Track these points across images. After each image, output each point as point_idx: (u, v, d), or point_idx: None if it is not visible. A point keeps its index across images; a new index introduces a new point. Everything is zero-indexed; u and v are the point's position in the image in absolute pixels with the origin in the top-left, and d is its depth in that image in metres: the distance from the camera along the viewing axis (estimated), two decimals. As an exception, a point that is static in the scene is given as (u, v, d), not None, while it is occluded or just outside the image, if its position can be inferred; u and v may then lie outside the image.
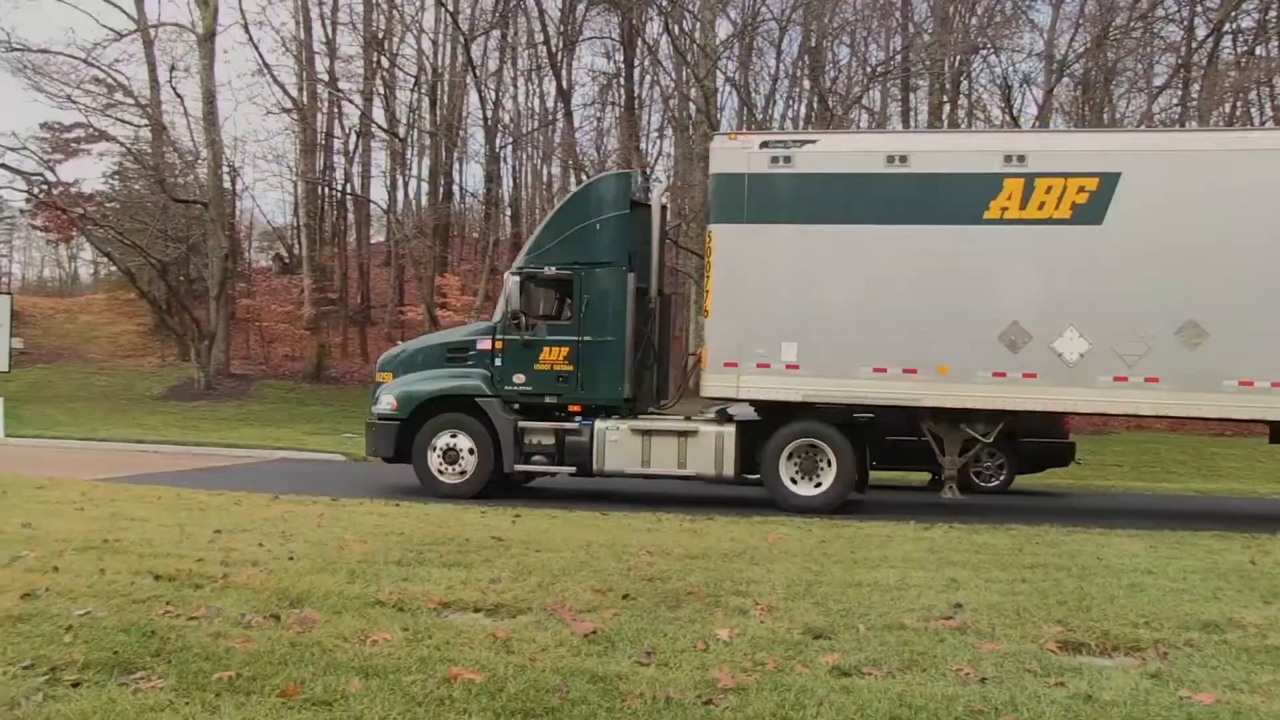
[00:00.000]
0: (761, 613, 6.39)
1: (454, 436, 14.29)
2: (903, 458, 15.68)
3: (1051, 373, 13.00)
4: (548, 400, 14.27)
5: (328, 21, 39.04)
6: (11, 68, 34.19)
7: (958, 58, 32.59)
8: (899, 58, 33.23)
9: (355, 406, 26.97)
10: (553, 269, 14.24)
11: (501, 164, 39.85)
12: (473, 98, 39.01)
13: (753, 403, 14.08)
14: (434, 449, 14.32)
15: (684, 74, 34.46)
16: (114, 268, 39.52)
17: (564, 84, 37.48)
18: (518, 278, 14.29)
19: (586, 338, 14.14)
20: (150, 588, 6.57)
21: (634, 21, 34.46)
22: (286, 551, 8.07)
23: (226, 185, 38.81)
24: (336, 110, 40.30)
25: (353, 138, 40.27)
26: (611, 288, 14.12)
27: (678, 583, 7.23)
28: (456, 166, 41.21)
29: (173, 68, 36.15)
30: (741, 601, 6.70)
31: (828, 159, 13.72)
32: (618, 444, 13.83)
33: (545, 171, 44.29)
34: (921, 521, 11.51)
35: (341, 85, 38.74)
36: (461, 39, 35.22)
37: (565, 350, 14.15)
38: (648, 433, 13.86)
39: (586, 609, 6.37)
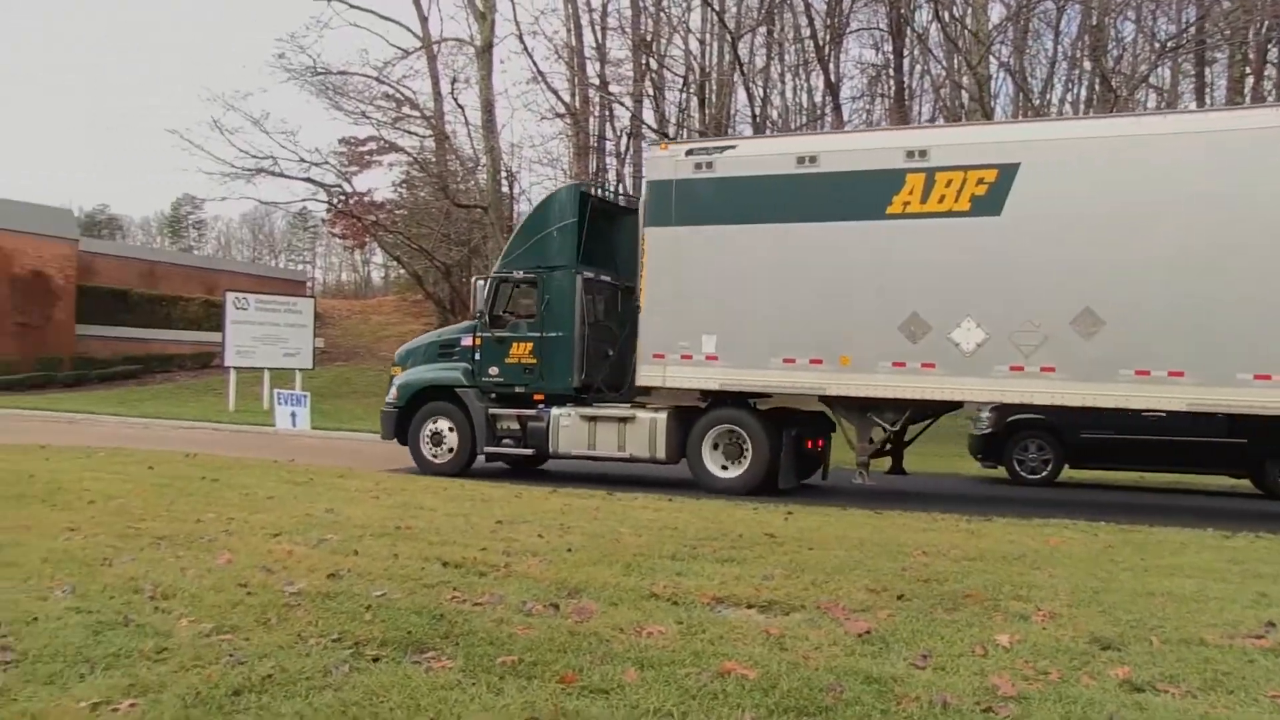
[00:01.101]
0: (1044, 619, 6.18)
1: (438, 422, 16.23)
2: (1205, 459, 16.09)
3: (949, 362, 13.36)
4: (517, 390, 15.88)
5: (597, 27, 40.28)
6: (315, 90, 37.39)
7: (1265, 23, 30.02)
8: (1192, 29, 30.99)
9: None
10: (519, 272, 15.95)
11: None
12: (740, 95, 39.26)
13: (677, 392, 15.15)
14: (424, 432, 16.28)
15: (955, 62, 33.48)
16: (402, 271, 42.33)
17: (832, 78, 37.11)
18: (493, 280, 16.15)
19: (546, 334, 15.72)
20: (439, 573, 7.05)
21: (902, 10, 33.72)
22: (565, 543, 8.45)
23: (504, 189, 40.78)
24: (608, 113, 41.52)
25: (624, 140, 41.44)
26: (564, 289, 15.61)
27: (955, 585, 7.09)
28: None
29: (454, 80, 38.50)
30: (1022, 606, 6.50)
31: (744, 163, 14.55)
32: (568, 429, 15.26)
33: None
34: (1220, 529, 10.82)
35: (612, 89, 39.88)
36: (728, 37, 35.51)
37: (530, 345, 15.80)
38: (594, 419, 15.18)
39: (860, 608, 6.35)
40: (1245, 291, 12.06)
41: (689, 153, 14.93)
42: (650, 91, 39.10)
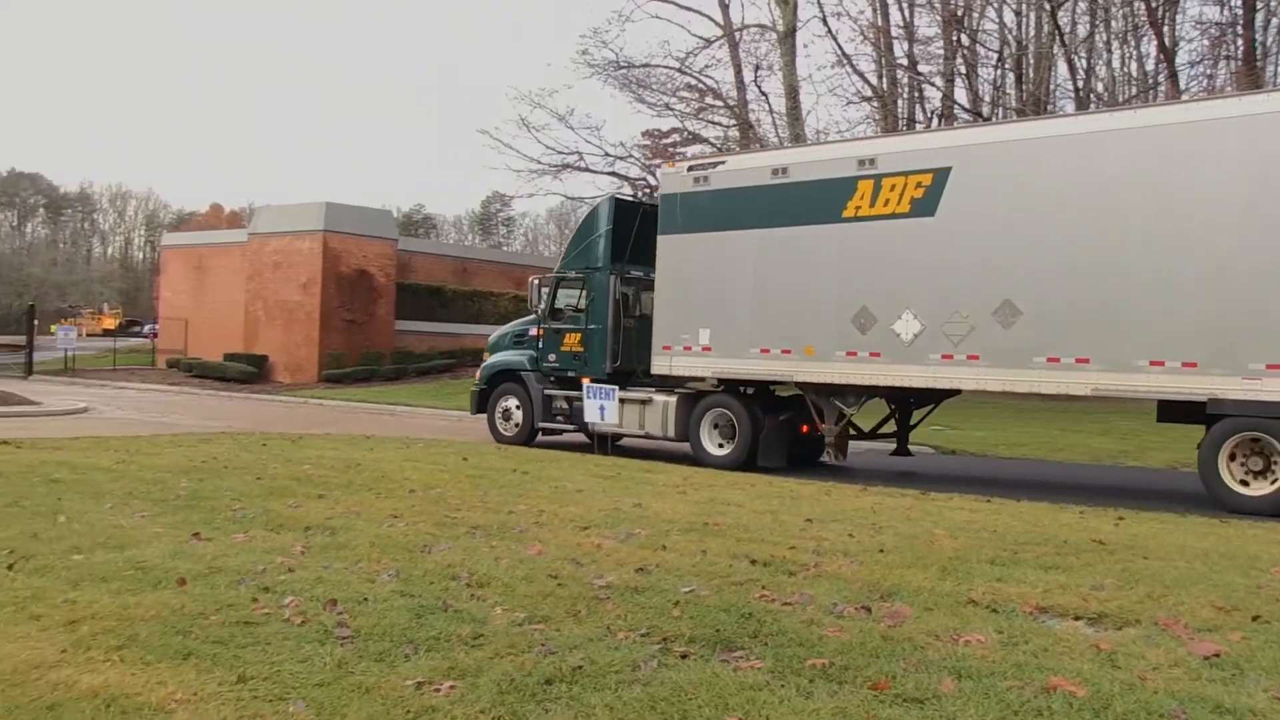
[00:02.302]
0: None
1: (508, 400, 19.83)
2: None
3: (892, 351, 15.16)
4: (570, 374, 19.03)
5: (905, 5, 39.42)
6: (618, 84, 38.66)
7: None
8: None
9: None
10: (572, 273, 19.15)
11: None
12: (1061, 68, 37.42)
13: (681, 378, 17.64)
14: (498, 409, 19.96)
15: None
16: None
17: (1166, 42, 34.67)
18: (553, 279, 19.42)
19: (589, 326, 18.82)
20: (746, 571, 7.17)
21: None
22: (876, 543, 8.39)
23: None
24: (917, 94, 40.59)
25: (934, 121, 40.35)
26: (602, 287, 18.67)
27: (1326, 606, 6.53)
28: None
29: (756, 68, 38.68)
30: None
31: (732, 176, 17.09)
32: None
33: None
34: None
35: (921, 68, 38.97)
36: (1047, 6, 33.87)
37: (579, 335, 18.92)
38: (623, 400, 17.64)
39: (1206, 628, 5.96)
40: (1142, 284, 13.28)
41: (690, 169, 17.75)
42: (962, 69, 37.94)
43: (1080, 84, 36.15)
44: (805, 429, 16.93)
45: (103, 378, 41.47)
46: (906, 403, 17.27)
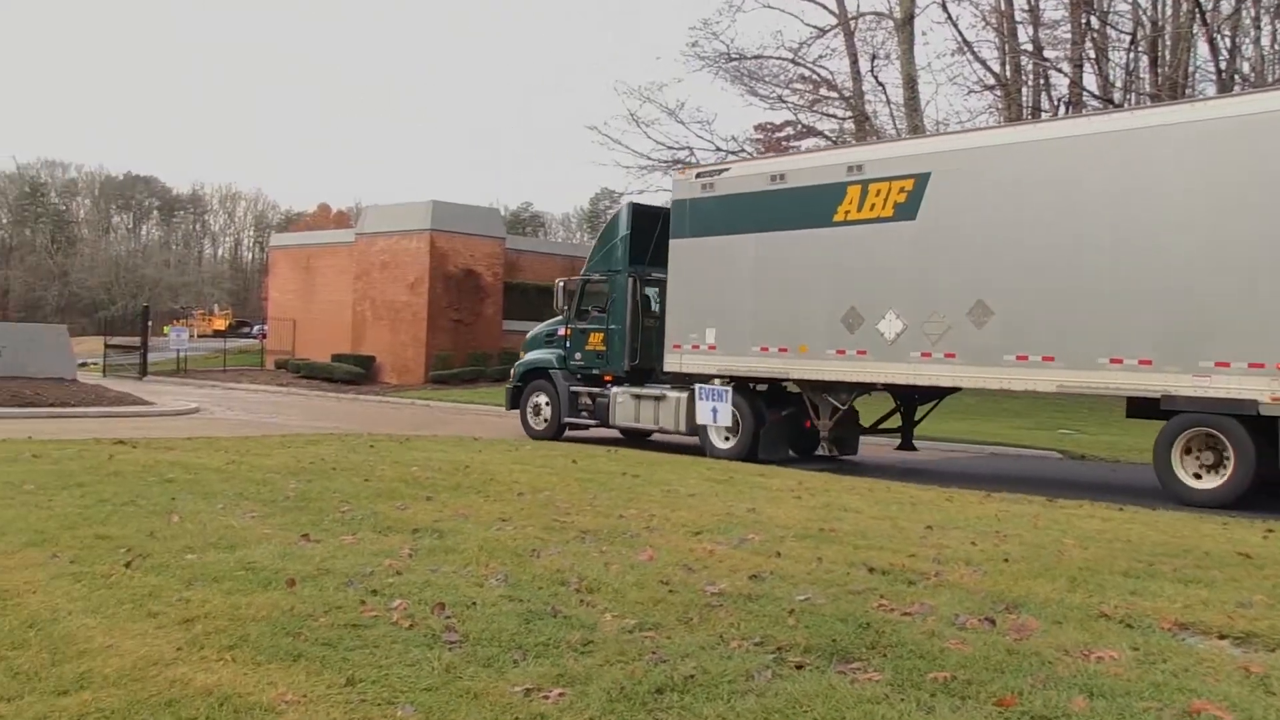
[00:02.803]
0: None
1: (538, 396, 21.40)
2: None
3: (876, 350, 16.22)
4: (594, 372, 20.50)
5: (1030, -12, 38.59)
6: (730, 77, 38.56)
7: None
8: None
9: (1065, 400, 26.29)
10: (597, 275, 20.59)
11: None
12: (1201, 49, 36.16)
13: (688, 376, 18.78)
14: (529, 405, 21.60)
15: None
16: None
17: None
18: (580, 281, 20.96)
19: (610, 326, 20.18)
20: (864, 579, 7.06)
21: None
22: (1001, 552, 8.20)
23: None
24: (1043, 82, 39.67)
25: (1061, 109, 39.39)
26: (620, 288, 20.05)
27: None
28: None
29: (873, 57, 38.30)
30: None
31: (736, 183, 18.31)
32: (622, 404, 19.60)
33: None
34: None
35: (1047, 54, 38.05)
36: (1189, -18, 32.87)
37: (602, 335, 20.30)
38: (639, 397, 19.37)
39: (1365, 648, 5.69)
40: (1100, 284, 14.05)
41: (698, 176, 19.05)
42: (1091, 54, 36.98)
43: (1223, 65, 34.86)
44: (808, 424, 18.01)
45: (213, 378, 42.79)
46: (911, 399, 18.09)
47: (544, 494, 10.88)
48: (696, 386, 18.08)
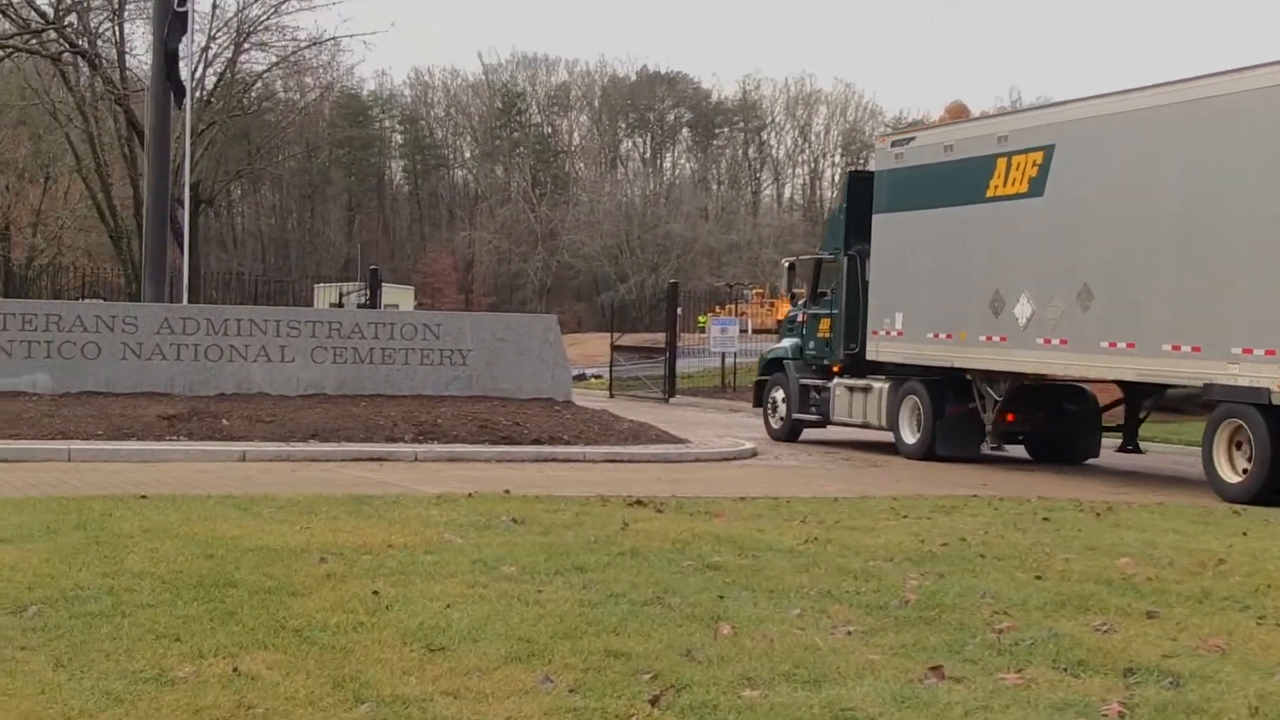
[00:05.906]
0: None
1: (776, 391, 20.81)
2: None
3: (1013, 336, 16.44)
4: (824, 362, 20.01)
5: None
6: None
7: None
8: None
9: None
10: (826, 254, 20.57)
11: None
12: None
13: (883, 365, 18.84)
14: (768, 401, 20.97)
15: None
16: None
17: None
18: (813, 261, 20.86)
19: (832, 310, 19.73)
20: None
21: None
22: None
23: None
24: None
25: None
26: (839, 268, 19.68)
27: None
28: None
29: None
30: None
31: (918, 153, 18.39)
32: (839, 399, 19.26)
33: None
34: None
35: None
36: None
37: (829, 320, 19.80)
38: (851, 389, 19.10)
39: None
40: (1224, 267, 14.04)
41: (893, 144, 19.08)
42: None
43: None
44: (1010, 418, 17.22)
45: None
46: (1138, 394, 16.87)
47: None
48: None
